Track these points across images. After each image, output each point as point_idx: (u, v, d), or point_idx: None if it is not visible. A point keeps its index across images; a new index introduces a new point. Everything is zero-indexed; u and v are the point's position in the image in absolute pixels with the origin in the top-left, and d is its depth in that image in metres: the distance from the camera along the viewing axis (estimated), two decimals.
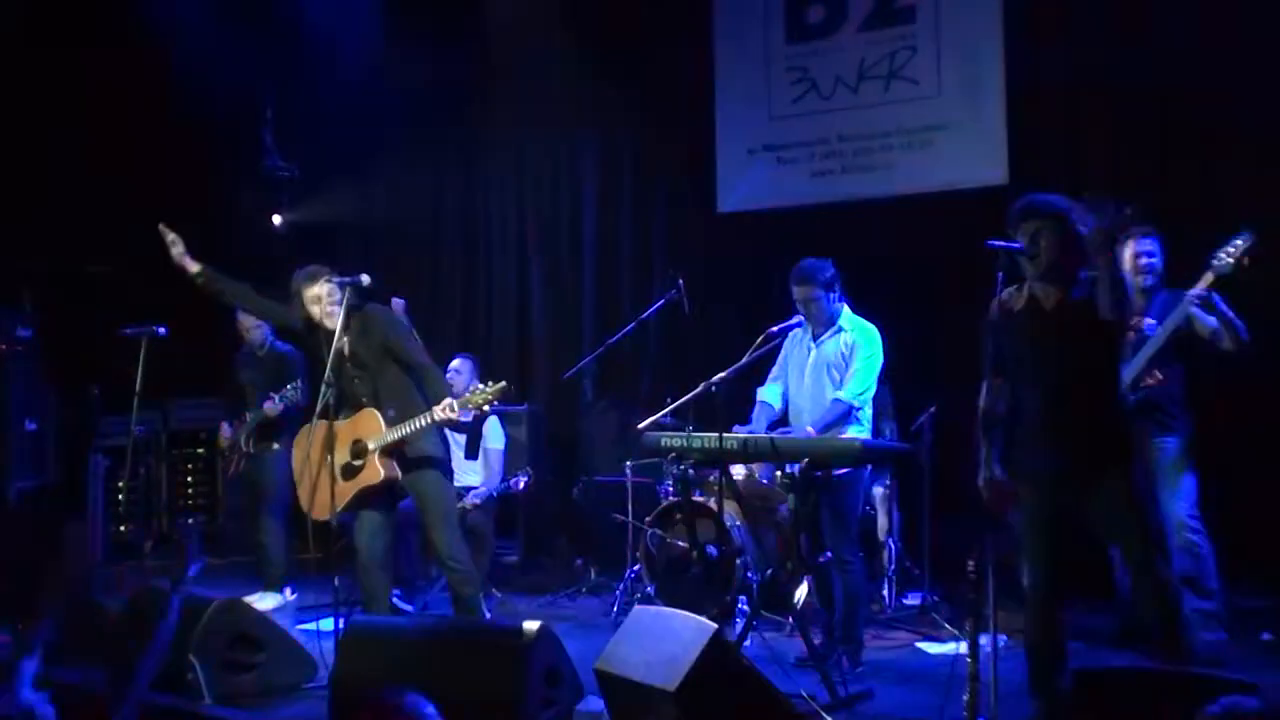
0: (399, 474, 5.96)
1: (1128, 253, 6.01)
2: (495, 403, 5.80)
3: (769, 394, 6.21)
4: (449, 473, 6.25)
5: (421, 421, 5.82)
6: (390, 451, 5.93)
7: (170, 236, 6.30)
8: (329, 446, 5.80)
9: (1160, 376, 5.94)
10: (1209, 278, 5.76)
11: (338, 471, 5.92)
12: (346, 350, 6.00)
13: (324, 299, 6.01)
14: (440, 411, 5.73)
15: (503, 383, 5.77)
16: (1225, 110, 7.27)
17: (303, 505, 6.17)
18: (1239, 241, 5.67)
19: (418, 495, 6.06)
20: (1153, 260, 6.10)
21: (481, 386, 5.76)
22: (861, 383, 5.90)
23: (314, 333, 6.12)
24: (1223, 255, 5.70)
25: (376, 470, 5.90)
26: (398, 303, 7.36)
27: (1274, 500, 6.65)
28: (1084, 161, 7.71)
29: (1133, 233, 6.04)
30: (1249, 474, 6.82)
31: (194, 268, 6.28)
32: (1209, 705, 2.85)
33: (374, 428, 5.94)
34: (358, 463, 5.96)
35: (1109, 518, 4.54)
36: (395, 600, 6.78)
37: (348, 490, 5.96)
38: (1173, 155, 7.43)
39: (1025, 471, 4.61)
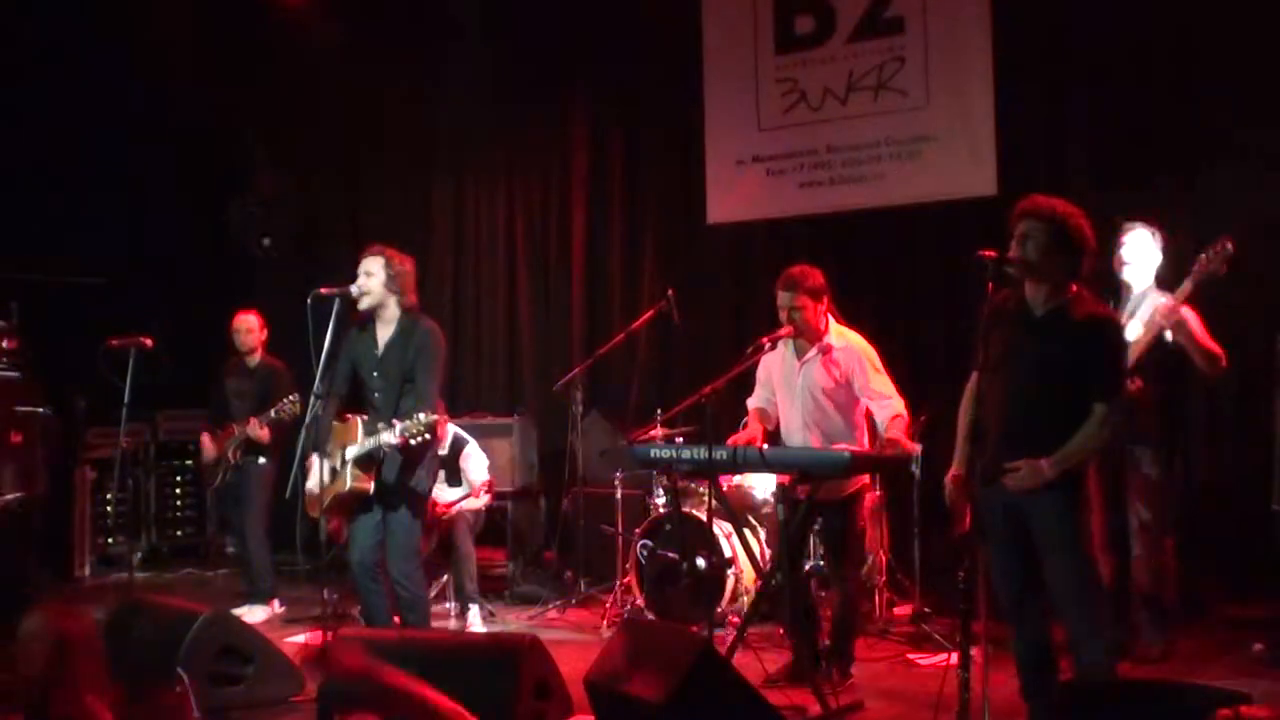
0: (369, 488, 5.87)
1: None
2: (426, 435, 5.62)
3: (761, 403, 6.13)
4: (421, 508, 6.14)
5: (374, 441, 5.74)
6: (365, 465, 5.87)
7: None
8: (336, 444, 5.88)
9: (1139, 383, 5.80)
10: (1188, 286, 5.76)
11: (326, 474, 5.93)
12: (379, 353, 5.99)
13: (360, 271, 6.00)
14: (385, 434, 5.67)
15: (434, 417, 5.63)
16: (1216, 123, 7.29)
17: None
18: (1217, 248, 5.69)
19: (386, 520, 5.96)
20: (1126, 252, 6.05)
21: (420, 417, 5.61)
22: (888, 386, 5.82)
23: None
24: (1202, 260, 5.72)
25: (344, 480, 5.87)
26: None
27: (1263, 510, 6.65)
28: (1072, 173, 7.72)
29: (1124, 227, 6.07)
30: (1237, 484, 6.82)
31: None
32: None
33: (352, 437, 5.91)
34: (338, 467, 5.95)
35: (1040, 535, 4.45)
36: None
37: (325, 494, 5.94)
38: (1162, 168, 7.43)
39: (983, 476, 4.53)
